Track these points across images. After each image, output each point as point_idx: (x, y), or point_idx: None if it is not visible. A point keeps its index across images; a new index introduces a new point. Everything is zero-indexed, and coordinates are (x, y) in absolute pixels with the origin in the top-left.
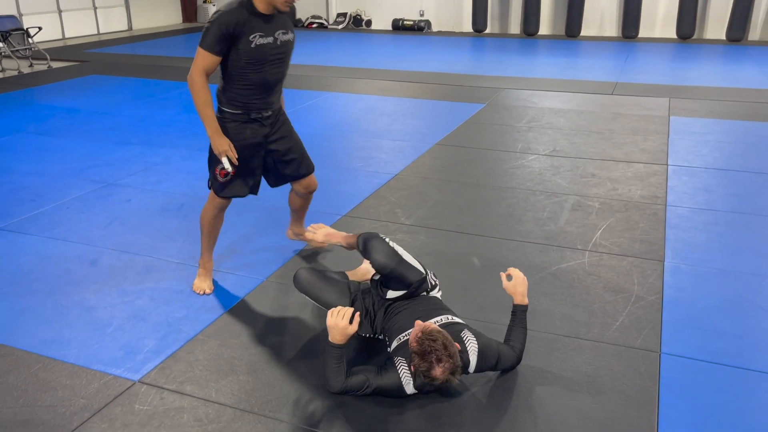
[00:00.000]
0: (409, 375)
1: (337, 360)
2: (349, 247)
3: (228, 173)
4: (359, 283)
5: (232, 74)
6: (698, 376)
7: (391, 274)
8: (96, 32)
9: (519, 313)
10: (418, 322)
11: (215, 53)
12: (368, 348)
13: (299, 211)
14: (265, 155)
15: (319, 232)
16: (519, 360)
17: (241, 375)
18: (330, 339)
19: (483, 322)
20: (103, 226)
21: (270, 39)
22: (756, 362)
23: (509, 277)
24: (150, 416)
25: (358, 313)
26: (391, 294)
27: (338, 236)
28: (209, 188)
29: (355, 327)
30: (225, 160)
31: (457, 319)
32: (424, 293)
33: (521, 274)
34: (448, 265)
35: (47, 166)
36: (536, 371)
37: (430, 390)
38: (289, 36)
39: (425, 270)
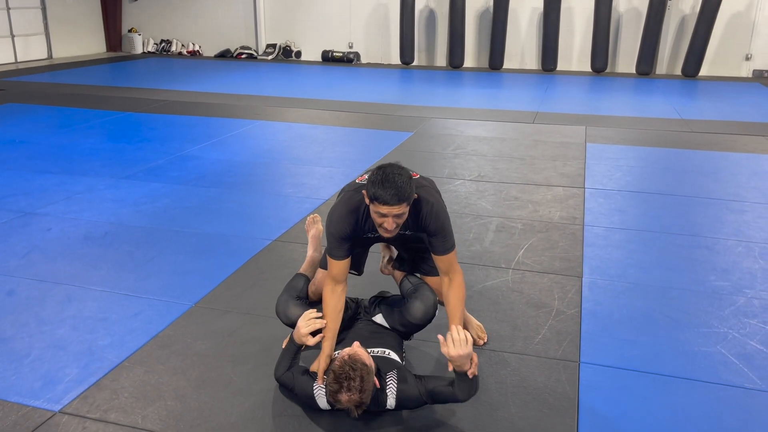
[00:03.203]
0: (323, 390)
1: (289, 354)
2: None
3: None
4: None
5: None
6: (614, 382)
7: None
8: (14, 60)
9: (462, 379)
10: (357, 344)
11: (342, 258)
12: None
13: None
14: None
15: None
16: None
17: (168, 401)
18: (293, 333)
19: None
20: (20, 255)
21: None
22: (665, 367)
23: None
24: None
25: (320, 336)
26: (379, 320)
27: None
28: None
29: (311, 342)
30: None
31: (393, 357)
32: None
33: (462, 337)
34: (379, 286)
35: None
36: None
37: (341, 408)
38: (408, 234)
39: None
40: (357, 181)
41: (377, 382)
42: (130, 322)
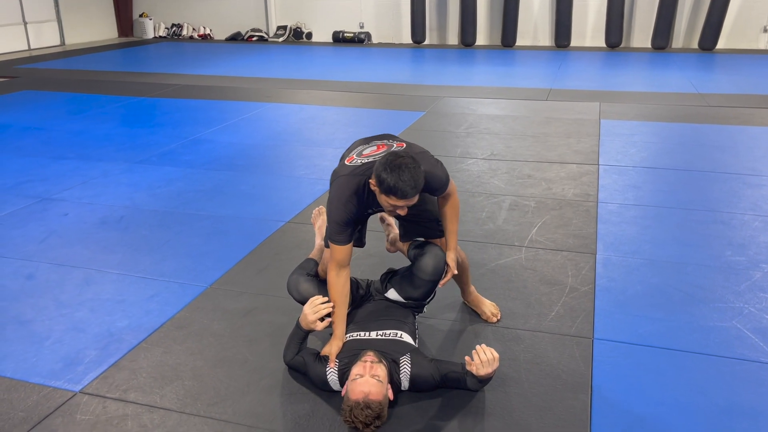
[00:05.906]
0: (336, 374)
1: (296, 339)
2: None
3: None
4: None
5: None
6: (628, 358)
7: (425, 286)
8: (27, 48)
9: (478, 379)
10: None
11: (346, 243)
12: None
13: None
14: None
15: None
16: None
17: (186, 380)
18: (299, 319)
19: (425, 317)
20: (38, 240)
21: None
22: (680, 342)
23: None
24: (92, 425)
25: (329, 320)
26: (392, 295)
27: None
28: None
29: (320, 327)
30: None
31: (406, 339)
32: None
33: (489, 357)
34: (391, 265)
35: None
36: None
37: None
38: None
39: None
40: (346, 162)
41: (391, 395)
42: (147, 303)
